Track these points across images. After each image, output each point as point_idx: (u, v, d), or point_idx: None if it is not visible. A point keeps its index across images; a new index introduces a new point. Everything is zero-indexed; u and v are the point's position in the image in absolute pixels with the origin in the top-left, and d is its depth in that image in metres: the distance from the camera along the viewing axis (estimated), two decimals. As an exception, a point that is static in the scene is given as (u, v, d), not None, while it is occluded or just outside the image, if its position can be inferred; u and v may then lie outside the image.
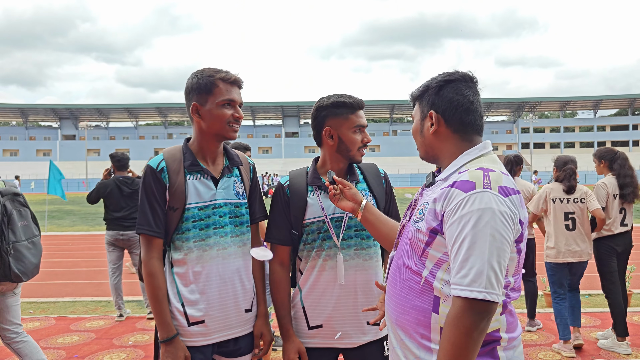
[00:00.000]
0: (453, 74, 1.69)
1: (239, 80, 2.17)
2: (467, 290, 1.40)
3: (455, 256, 1.45)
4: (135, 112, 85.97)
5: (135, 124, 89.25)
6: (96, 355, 4.77)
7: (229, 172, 2.22)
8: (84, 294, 7.52)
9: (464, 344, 1.39)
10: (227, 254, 2.15)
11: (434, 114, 1.67)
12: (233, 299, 2.15)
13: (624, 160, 4.92)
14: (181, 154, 2.17)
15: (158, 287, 2.07)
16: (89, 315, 6.20)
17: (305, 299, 2.25)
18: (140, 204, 2.11)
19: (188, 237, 2.10)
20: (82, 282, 8.40)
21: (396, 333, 1.67)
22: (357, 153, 2.24)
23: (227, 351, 2.18)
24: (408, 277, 1.62)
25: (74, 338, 5.27)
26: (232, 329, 2.16)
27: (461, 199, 1.47)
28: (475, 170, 1.53)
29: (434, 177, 1.73)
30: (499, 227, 1.43)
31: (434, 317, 1.53)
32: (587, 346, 4.82)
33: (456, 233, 1.45)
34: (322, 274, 2.21)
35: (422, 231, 1.57)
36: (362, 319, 2.21)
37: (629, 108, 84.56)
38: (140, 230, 2.08)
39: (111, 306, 6.64)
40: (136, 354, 4.78)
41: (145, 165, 2.15)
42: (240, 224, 2.21)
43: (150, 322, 5.80)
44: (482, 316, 1.40)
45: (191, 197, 2.11)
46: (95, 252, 11.43)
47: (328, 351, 2.25)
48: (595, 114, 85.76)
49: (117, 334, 5.41)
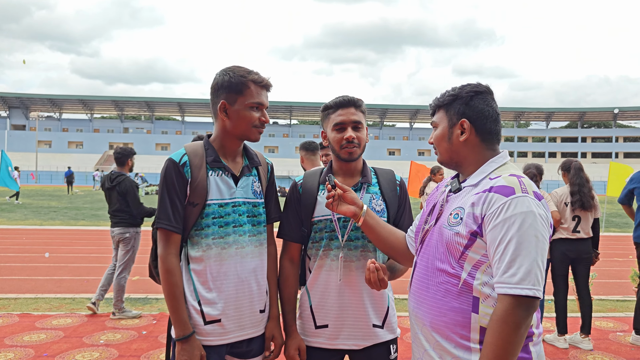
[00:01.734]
0: (479, 86, 1.80)
1: (269, 85, 2.15)
2: (517, 288, 1.48)
3: (502, 256, 1.52)
4: (90, 104, 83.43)
5: (90, 117, 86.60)
6: (67, 354, 4.61)
7: (248, 171, 2.20)
8: (45, 290, 7.25)
9: (513, 339, 1.48)
10: (245, 253, 2.13)
11: (466, 123, 1.74)
12: (249, 299, 2.13)
13: (576, 170, 5.23)
14: (203, 150, 2.13)
15: (175, 284, 2.02)
16: (55, 313, 5.98)
17: (313, 298, 2.25)
18: (160, 198, 2.06)
19: (207, 234, 2.06)
20: (42, 278, 8.09)
21: (430, 336, 1.71)
22: (341, 151, 2.23)
23: (240, 352, 2.15)
24: (444, 280, 1.67)
25: (42, 336, 5.08)
26: (246, 330, 2.13)
27: (502, 202, 1.55)
28: (509, 177, 1.63)
29: (459, 183, 1.79)
30: (540, 229, 1.54)
31: (473, 317, 1.60)
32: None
33: (501, 235, 1.53)
34: (329, 274, 2.21)
35: (461, 234, 1.63)
36: (368, 320, 2.22)
37: (578, 121, 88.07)
38: (160, 224, 2.03)
39: (77, 303, 6.45)
40: (109, 353, 4.65)
41: (167, 159, 2.09)
42: (257, 224, 2.20)
43: (121, 321, 5.66)
44: (530, 312, 1.50)
45: (212, 193, 2.08)
46: (53, 248, 11.05)
47: (334, 352, 2.25)
48: (548, 125, 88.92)
49: (86, 332, 5.25)
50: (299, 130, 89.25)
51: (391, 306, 2.29)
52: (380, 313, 2.25)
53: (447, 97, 1.80)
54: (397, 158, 79.64)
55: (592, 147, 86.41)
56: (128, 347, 4.82)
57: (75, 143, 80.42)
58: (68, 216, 18.37)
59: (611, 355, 4.84)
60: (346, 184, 2.27)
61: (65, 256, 10.11)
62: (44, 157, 70.55)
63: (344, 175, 2.31)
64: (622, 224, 19.77)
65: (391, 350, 2.28)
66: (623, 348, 5.06)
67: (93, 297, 5.99)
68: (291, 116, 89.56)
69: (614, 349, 5.02)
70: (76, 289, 7.41)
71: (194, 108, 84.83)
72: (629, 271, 6.91)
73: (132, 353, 4.66)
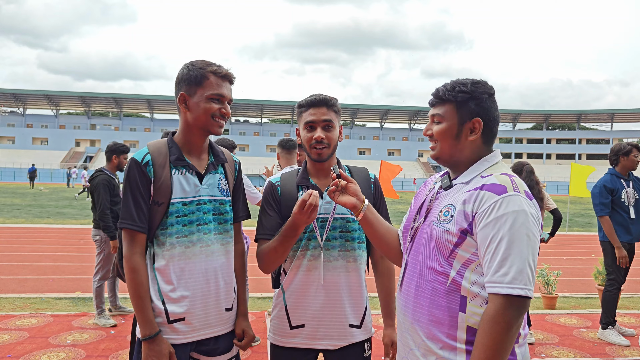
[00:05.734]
0: (491, 87, 1.76)
1: (230, 75, 2.12)
2: (509, 287, 1.47)
3: (493, 255, 1.51)
4: (55, 100, 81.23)
5: (56, 113, 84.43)
6: (32, 355, 4.49)
7: (214, 168, 2.18)
8: (7, 290, 7.05)
9: (504, 339, 1.47)
10: (211, 252, 2.11)
11: (480, 124, 1.71)
12: (215, 297, 2.12)
13: (528, 173, 5.35)
14: (167, 148, 2.11)
15: (140, 283, 2.00)
16: (19, 313, 5.81)
17: (288, 299, 2.23)
18: (123, 198, 2.04)
19: (171, 233, 2.04)
20: (4, 277, 7.87)
21: (416, 334, 1.70)
22: (311, 151, 2.22)
23: (206, 350, 2.14)
24: (432, 279, 1.66)
25: (4, 337, 4.93)
26: (212, 328, 2.12)
27: (494, 201, 1.54)
28: (501, 175, 1.62)
29: (450, 180, 1.77)
30: (532, 228, 1.53)
31: (460, 316, 1.59)
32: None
33: (492, 233, 1.51)
34: (306, 274, 2.20)
35: (451, 232, 1.61)
36: (345, 321, 2.21)
37: (544, 123, 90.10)
38: (123, 224, 2.01)
39: (41, 303, 6.29)
40: (76, 353, 4.55)
41: (130, 159, 2.07)
42: (224, 222, 2.18)
43: (88, 320, 5.55)
44: (521, 312, 1.49)
45: (176, 192, 2.06)
46: (16, 247, 10.76)
47: (309, 351, 2.24)
48: (514, 126, 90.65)
49: (52, 332, 5.12)
50: (270, 128, 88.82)
51: (368, 306, 2.30)
52: (358, 313, 2.25)
53: (460, 92, 1.71)
54: (367, 157, 79.99)
55: (556, 148, 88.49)
56: (96, 347, 4.73)
57: (40, 139, 78.28)
58: (32, 214, 17.90)
59: (575, 351, 4.97)
60: (320, 184, 2.27)
61: (30, 255, 9.85)
62: (7, 154, 68.50)
63: (318, 175, 2.29)
64: (585, 223, 20.34)
65: (365, 348, 2.28)
66: (586, 344, 5.21)
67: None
68: (262, 115, 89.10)
69: (578, 345, 5.17)
70: (41, 288, 7.23)
71: (163, 105, 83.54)
72: (592, 269, 7.12)
73: (100, 353, 4.57)
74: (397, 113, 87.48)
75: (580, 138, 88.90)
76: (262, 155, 74.92)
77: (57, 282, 7.62)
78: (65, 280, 7.84)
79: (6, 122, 78.80)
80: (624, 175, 5.43)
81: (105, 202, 5.43)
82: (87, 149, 77.18)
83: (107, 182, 5.51)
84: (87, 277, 7.71)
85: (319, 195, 2.22)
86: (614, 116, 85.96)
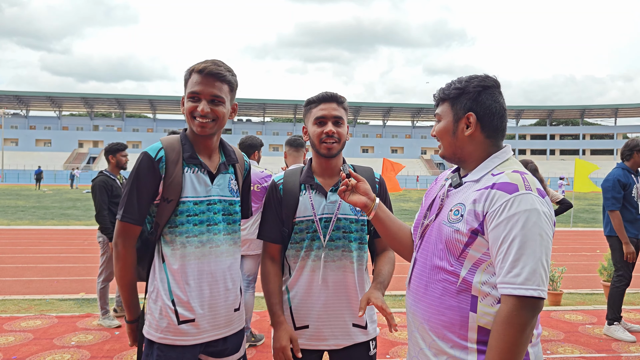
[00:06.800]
0: (487, 79, 1.71)
1: (212, 71, 2.00)
2: (522, 288, 1.44)
3: (505, 256, 1.47)
4: (58, 101, 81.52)
5: (59, 114, 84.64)
6: (37, 356, 4.49)
7: (225, 168, 2.16)
8: (12, 291, 7.07)
9: (519, 341, 1.44)
10: (220, 252, 2.09)
11: (473, 118, 1.68)
12: (224, 298, 2.10)
13: (531, 171, 5.31)
14: (179, 145, 2.09)
15: (131, 274, 2.09)
16: (24, 315, 5.82)
17: (292, 300, 2.23)
18: (128, 189, 2.01)
19: (182, 232, 2.03)
20: (9, 279, 7.89)
21: (426, 334, 1.68)
22: (320, 146, 2.21)
23: (215, 351, 2.12)
24: (442, 278, 1.63)
25: (10, 338, 4.94)
26: (221, 329, 2.11)
27: (506, 200, 1.50)
28: (512, 173, 1.57)
29: (460, 177, 1.74)
30: (545, 227, 1.49)
31: (471, 316, 1.56)
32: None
33: (504, 233, 1.48)
34: (310, 275, 2.19)
35: (461, 232, 1.58)
36: (349, 320, 2.21)
37: (547, 119, 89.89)
38: (125, 218, 2.00)
39: (45, 305, 6.30)
40: (81, 354, 4.55)
41: (142, 152, 2.04)
42: (233, 222, 2.17)
43: (93, 322, 5.55)
44: (535, 313, 1.46)
45: (187, 191, 2.04)
46: (20, 248, 10.79)
47: (313, 352, 2.24)
48: (517, 123, 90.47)
49: (57, 333, 5.12)
50: (272, 127, 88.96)
51: (372, 306, 2.28)
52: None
53: (453, 90, 1.71)
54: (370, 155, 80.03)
55: (560, 144, 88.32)
56: (100, 348, 4.73)
57: (43, 141, 78.60)
58: (36, 215, 17.94)
59: (581, 347, 4.95)
60: (325, 183, 2.25)
61: (34, 256, 9.87)
62: (11, 155, 68.73)
63: (323, 174, 2.27)
64: (590, 219, 20.27)
65: (370, 346, 2.27)
66: (592, 340, 5.19)
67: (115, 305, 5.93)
68: (264, 114, 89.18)
69: (584, 341, 5.14)
70: (45, 289, 7.24)
71: (166, 105, 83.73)
72: (596, 265, 7.10)
73: (104, 354, 4.57)
74: (400, 110, 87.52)
75: (584, 133, 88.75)
76: (265, 154, 74.88)
77: (61, 284, 7.63)
78: (70, 281, 7.85)
79: (9, 124, 79.07)
80: (633, 170, 5.42)
81: (102, 203, 5.43)
82: (90, 150, 77.45)
83: (104, 183, 5.51)
84: (91, 279, 7.72)
85: (322, 195, 2.22)
86: (618, 111, 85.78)
